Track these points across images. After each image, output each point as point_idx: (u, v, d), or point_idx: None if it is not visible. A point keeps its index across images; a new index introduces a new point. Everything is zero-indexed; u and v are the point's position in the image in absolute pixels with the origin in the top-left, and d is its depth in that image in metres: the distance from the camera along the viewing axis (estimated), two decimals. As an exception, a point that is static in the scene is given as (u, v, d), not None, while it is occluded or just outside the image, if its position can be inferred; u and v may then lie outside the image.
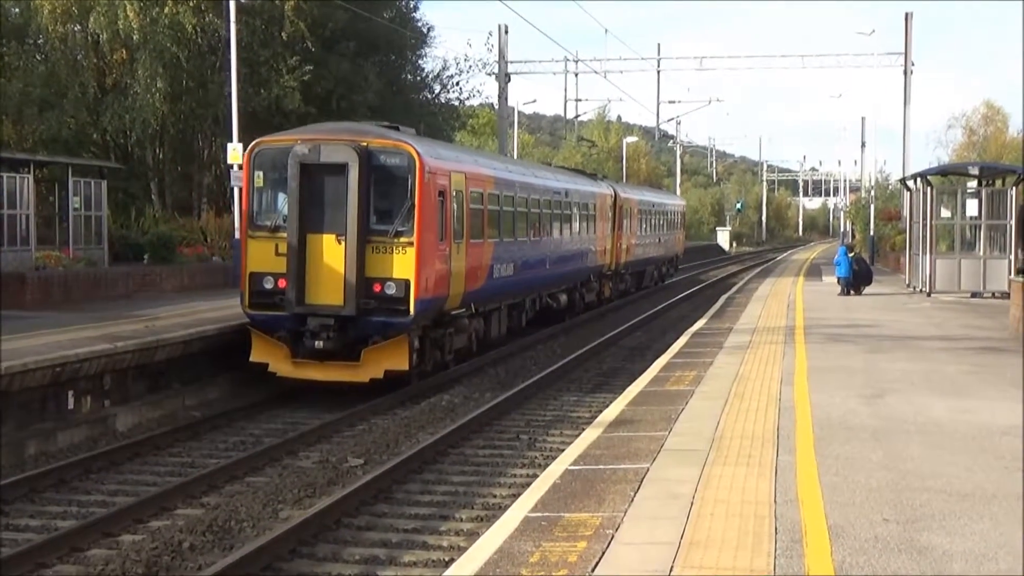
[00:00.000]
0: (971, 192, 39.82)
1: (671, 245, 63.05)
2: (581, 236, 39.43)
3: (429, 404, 23.25)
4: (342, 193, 22.82)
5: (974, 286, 37.92)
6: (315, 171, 23.16)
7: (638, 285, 53.82)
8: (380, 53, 49.82)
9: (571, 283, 38.84)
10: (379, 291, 23.02)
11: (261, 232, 23.66)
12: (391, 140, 23.77)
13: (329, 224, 23.09)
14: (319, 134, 24.21)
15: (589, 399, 24.46)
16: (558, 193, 36.26)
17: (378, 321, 23.12)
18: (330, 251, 23.04)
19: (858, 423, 14.69)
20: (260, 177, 23.94)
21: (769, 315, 31.70)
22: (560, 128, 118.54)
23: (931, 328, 28.09)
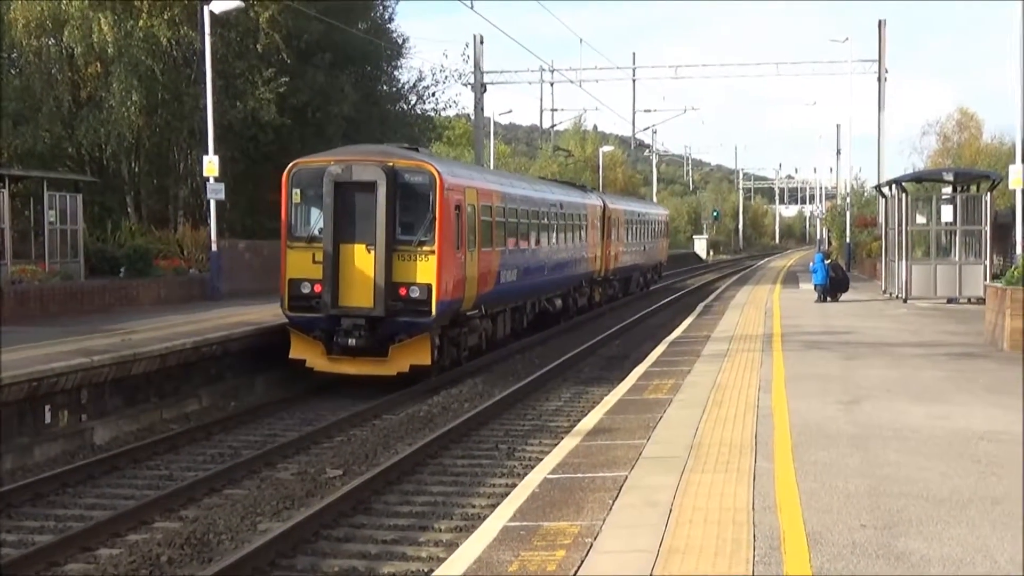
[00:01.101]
0: (946, 198, 39.96)
1: (655, 253, 65.72)
2: (575, 244, 41.94)
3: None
4: (371, 207, 25.76)
5: (950, 292, 38.04)
6: (347, 188, 26.02)
7: (625, 291, 56.43)
8: (356, 65, 49.77)
9: (566, 288, 41.51)
10: (404, 294, 25.97)
11: (299, 243, 26.67)
12: (414, 160, 26.82)
13: (360, 235, 25.95)
14: (350, 155, 27.14)
15: (568, 408, 24.48)
16: (554, 205, 38.89)
17: (404, 321, 25.98)
18: (361, 259, 25.94)
19: (836, 429, 14.73)
20: (298, 194, 26.94)
21: (747, 323, 31.76)
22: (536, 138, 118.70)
23: (907, 334, 28.19)
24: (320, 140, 45.06)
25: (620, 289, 54.98)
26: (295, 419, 23.56)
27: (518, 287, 33.69)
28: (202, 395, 24.89)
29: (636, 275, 59.45)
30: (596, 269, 47.09)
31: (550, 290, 38.85)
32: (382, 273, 25.68)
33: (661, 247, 69.20)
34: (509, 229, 32.67)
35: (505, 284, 31.97)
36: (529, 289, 35.45)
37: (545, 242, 37.12)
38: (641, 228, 59.17)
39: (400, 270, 25.95)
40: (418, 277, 25.98)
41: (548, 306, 38.97)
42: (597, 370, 30.61)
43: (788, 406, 16.57)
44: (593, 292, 47.51)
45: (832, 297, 39.78)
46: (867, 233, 67.51)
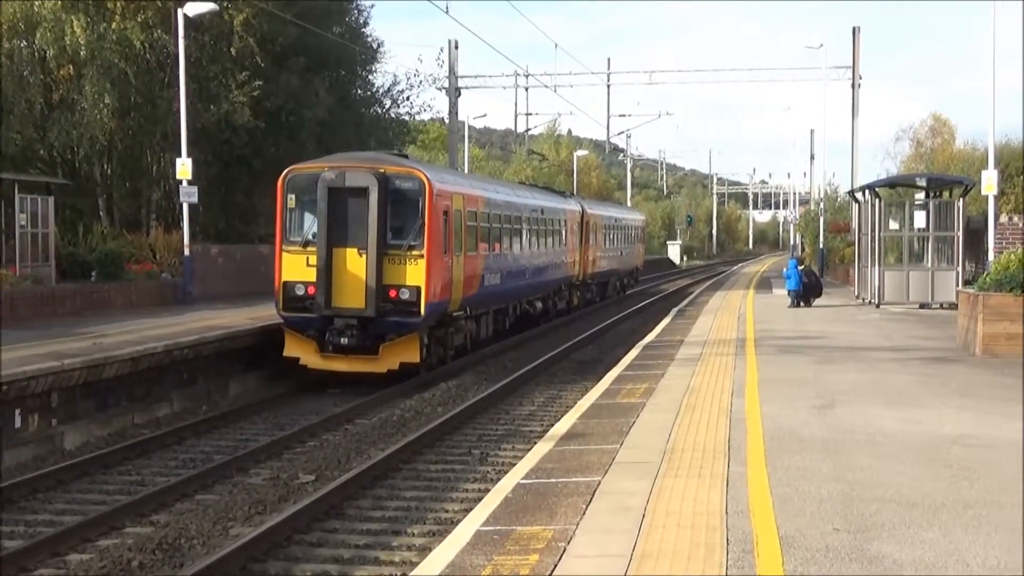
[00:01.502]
0: (919, 204, 40.11)
1: (632, 258, 66.91)
2: (555, 249, 43.19)
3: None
4: (363, 213, 26.75)
5: (922, 297, 38.16)
6: (340, 194, 27.04)
7: (602, 295, 57.40)
8: (330, 68, 49.69)
9: (546, 292, 42.56)
10: (395, 296, 27.05)
11: (293, 247, 27.60)
12: (405, 167, 28.10)
13: (352, 239, 26.98)
14: (343, 162, 28.24)
15: (541, 412, 24.46)
16: (535, 210, 40.19)
17: (394, 321, 27.07)
18: (353, 262, 26.97)
19: (809, 434, 14.75)
20: (292, 199, 27.86)
21: (720, 327, 31.81)
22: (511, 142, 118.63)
23: (880, 339, 28.27)
24: (294, 144, 45.03)
25: (598, 293, 56.04)
26: (267, 424, 23.50)
27: (501, 290, 34.78)
28: (174, 399, 24.81)
29: (613, 279, 60.55)
30: (575, 273, 48.04)
31: (531, 293, 39.92)
32: (373, 276, 26.70)
33: (638, 252, 70.30)
34: (493, 234, 33.88)
35: (489, 287, 33.08)
36: (511, 292, 36.58)
37: (527, 246, 38.33)
38: (618, 233, 60.46)
39: (390, 273, 26.99)
40: (408, 280, 27.03)
41: (529, 308, 40.04)
42: (571, 374, 30.59)
43: (761, 410, 16.59)
44: (572, 296, 48.58)
45: (805, 302, 39.87)
46: (840, 239, 67.68)
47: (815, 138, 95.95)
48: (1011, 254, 25.41)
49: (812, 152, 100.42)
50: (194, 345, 25.47)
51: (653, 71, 73.77)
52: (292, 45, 45.80)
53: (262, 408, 25.07)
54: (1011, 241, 37.19)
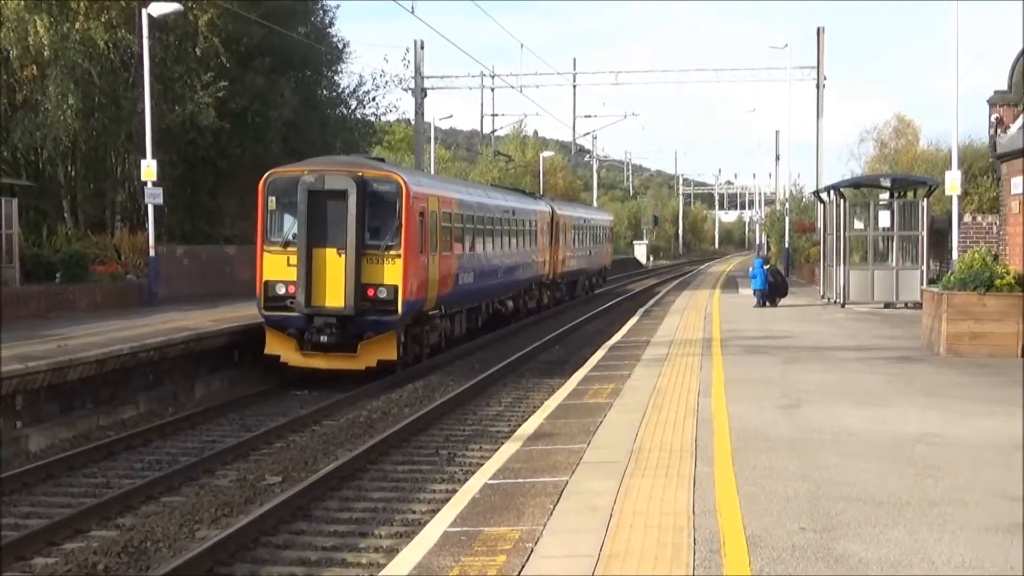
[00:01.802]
0: (883, 204, 40.26)
1: (600, 257, 68.38)
2: (525, 249, 44.36)
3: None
4: (342, 214, 27.64)
5: (887, 297, 38.33)
6: (320, 196, 27.92)
7: (572, 294, 58.74)
8: (295, 69, 49.54)
9: (517, 291, 43.90)
10: (373, 295, 27.95)
11: (274, 247, 28.40)
12: (382, 171, 29.23)
13: (331, 240, 27.82)
14: (322, 166, 29.20)
15: (508, 413, 24.50)
16: (507, 211, 41.48)
17: (372, 320, 27.93)
18: (332, 262, 27.79)
19: (775, 434, 14.80)
20: (273, 202, 28.69)
21: (686, 327, 31.88)
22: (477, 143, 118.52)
23: (845, 339, 28.39)
24: (259, 144, 44.92)
25: (567, 292, 57.23)
26: (234, 425, 23.45)
27: (474, 289, 35.96)
28: (140, 401, 24.73)
29: (582, 279, 61.82)
30: (545, 273, 49.20)
31: (502, 292, 41.14)
32: (352, 275, 27.57)
33: (606, 252, 71.69)
34: (466, 234, 34.97)
35: (463, 286, 34.21)
36: (484, 291, 37.79)
37: (499, 247, 39.55)
38: (587, 233, 61.68)
39: (369, 272, 27.91)
40: (385, 279, 27.98)
41: (500, 307, 41.29)
42: (538, 375, 30.63)
43: (728, 410, 16.63)
44: (542, 295, 49.86)
45: (771, 302, 39.98)
46: (806, 238, 67.94)
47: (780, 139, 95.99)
48: (975, 253, 25.54)
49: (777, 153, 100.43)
50: (160, 347, 25.39)
51: (619, 71, 73.85)
52: (257, 45, 45.65)
53: (228, 410, 25.00)
54: (975, 240, 37.35)
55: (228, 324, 29.37)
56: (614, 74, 73.17)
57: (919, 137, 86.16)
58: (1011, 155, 32.23)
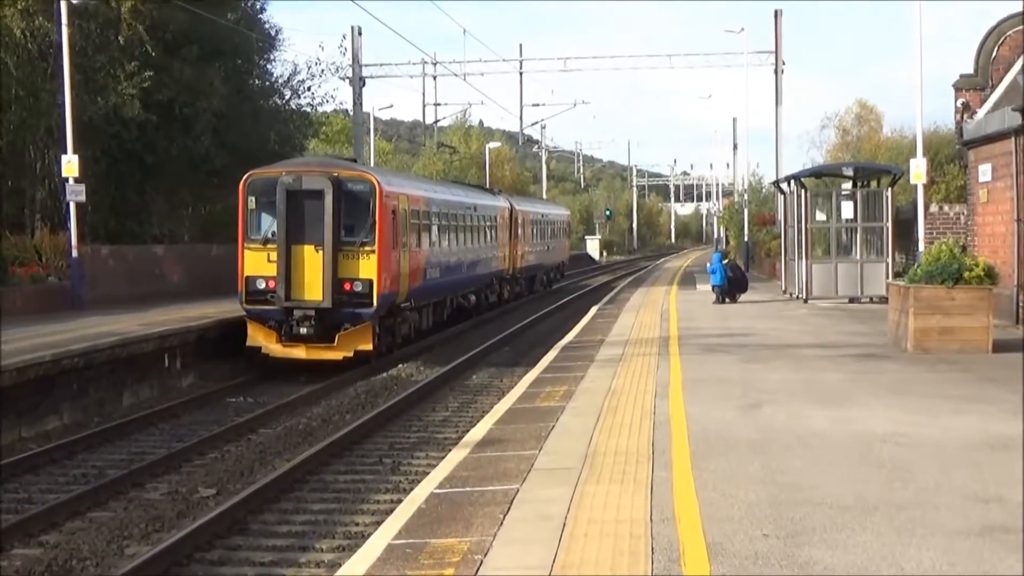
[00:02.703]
0: (846, 194, 40.46)
1: (558, 252, 72.63)
2: (487, 244, 48.33)
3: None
4: (319, 213, 30.86)
5: (851, 291, 38.53)
6: (297, 196, 31.14)
7: (531, 288, 62.50)
8: (225, 58, 49.27)
9: (479, 285, 47.68)
10: (349, 289, 31.05)
11: (254, 244, 31.62)
12: (356, 171, 32.79)
13: (309, 236, 31.03)
14: (299, 167, 32.85)
15: (456, 418, 24.53)
16: (469, 208, 45.23)
17: (349, 312, 31.06)
18: (310, 258, 31.01)
19: (736, 435, 14.84)
20: (253, 201, 31.98)
21: (642, 326, 31.96)
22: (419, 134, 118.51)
23: (808, 336, 28.54)
24: (188, 137, 44.67)
25: (526, 287, 60.91)
26: (165, 435, 23.33)
27: (440, 283, 39.45)
28: (64, 411, 24.53)
29: (540, 274, 65.66)
30: (505, 268, 52.99)
31: (466, 287, 44.91)
32: (329, 270, 30.69)
33: (563, 246, 75.79)
34: (433, 230, 38.47)
35: (431, 280, 37.64)
36: (449, 285, 41.25)
37: (462, 242, 43.18)
38: (545, 228, 65.65)
39: (345, 267, 31.07)
40: (361, 273, 31.14)
41: (464, 302, 44.75)
42: (487, 377, 30.67)
43: (686, 412, 16.67)
44: (502, 289, 53.52)
45: (731, 298, 40.16)
46: (766, 231, 68.29)
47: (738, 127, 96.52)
48: (942, 244, 25.68)
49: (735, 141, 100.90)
50: (85, 353, 25.21)
51: (568, 57, 73.76)
52: (184, 33, 45.36)
53: (159, 419, 24.87)
54: (941, 231, 37.73)
55: (158, 328, 29.21)
56: (563, 60, 73.38)
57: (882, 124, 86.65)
58: (978, 141, 32.49)
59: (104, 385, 26.20)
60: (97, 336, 27.22)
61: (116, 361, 26.55)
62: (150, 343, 28.09)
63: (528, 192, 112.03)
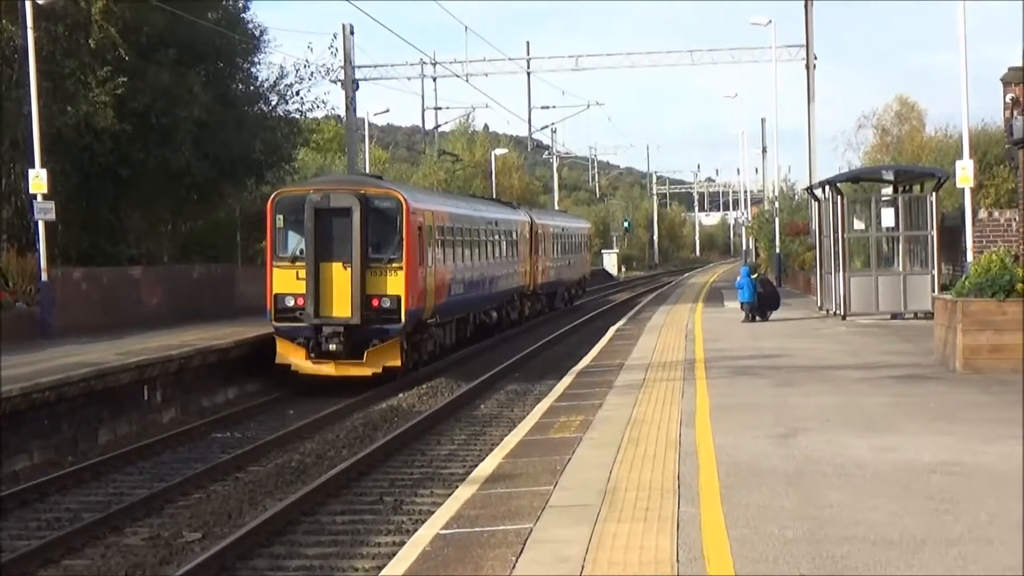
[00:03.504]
0: (886, 200, 40.44)
1: (579, 267, 75.44)
2: (508, 260, 51.16)
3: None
4: (347, 230, 33.52)
5: (894, 306, 38.46)
6: (325, 214, 33.86)
7: (551, 305, 65.38)
8: (206, 61, 49.28)
9: (501, 302, 50.23)
10: (377, 305, 33.76)
11: (283, 262, 34.33)
12: (383, 188, 35.72)
13: (337, 254, 33.79)
14: (327, 185, 36.06)
15: (463, 452, 24.52)
16: (490, 223, 48.26)
17: (377, 328, 33.80)
18: (339, 275, 33.71)
19: (769, 467, 14.83)
20: (281, 219, 34.77)
21: (665, 348, 31.96)
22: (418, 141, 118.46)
23: (847, 356, 28.50)
24: (166, 148, 44.59)
25: (546, 304, 63.94)
26: (145, 475, 23.31)
27: (464, 299, 42.37)
28: (34, 450, 24.53)
29: (561, 290, 68.44)
30: (526, 284, 55.82)
31: (488, 303, 47.53)
32: (358, 287, 33.38)
33: (584, 260, 78.86)
34: (457, 246, 41.25)
35: (455, 296, 40.50)
36: (472, 301, 44.08)
37: (484, 258, 46.09)
38: (565, 242, 68.44)
39: (373, 284, 33.73)
40: (389, 289, 33.87)
41: (486, 318, 47.33)
42: (495, 406, 30.71)
43: (714, 442, 16.66)
44: (523, 306, 56.39)
45: (761, 316, 40.14)
46: (799, 242, 68.20)
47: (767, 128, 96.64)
48: (992, 254, 25.61)
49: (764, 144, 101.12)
50: (56, 386, 25.22)
51: (579, 55, 73.84)
52: (160, 35, 45.37)
53: (138, 457, 24.85)
54: (992, 239, 37.60)
55: (136, 358, 29.22)
56: (574, 58, 73.52)
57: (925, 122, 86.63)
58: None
59: (78, 421, 26.20)
60: (70, 367, 27.22)
61: (91, 394, 26.55)
62: (127, 374, 28.09)
63: (539, 203, 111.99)
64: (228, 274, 50.67)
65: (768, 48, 67.54)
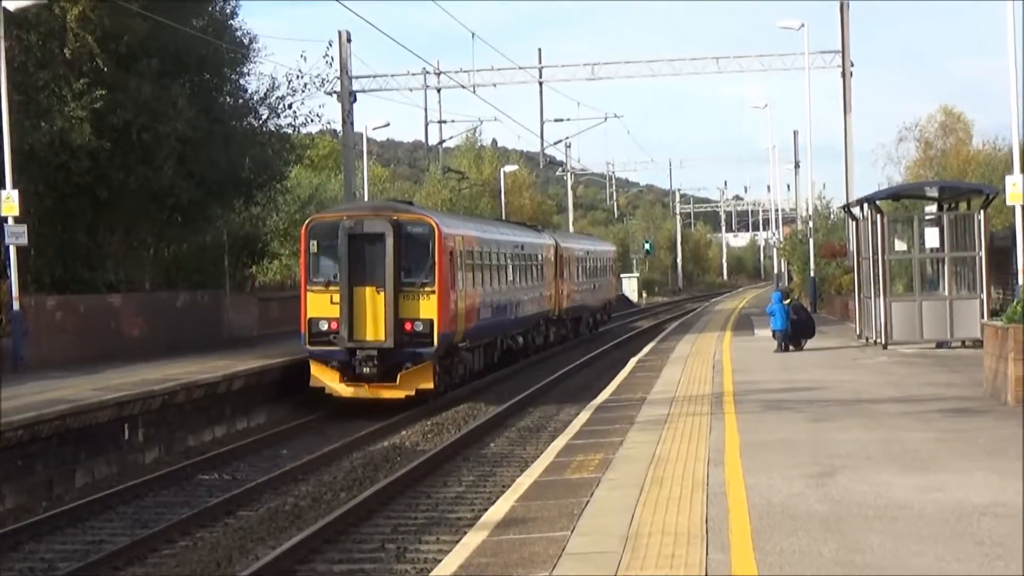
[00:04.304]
0: (930, 219, 40.43)
1: (604, 291, 79.30)
2: (534, 284, 54.84)
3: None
4: (380, 255, 37.13)
5: (939, 334, 38.39)
6: (359, 239, 37.54)
7: (576, 331, 68.91)
8: (191, 71, 49.25)
9: (527, 327, 53.99)
10: (410, 329, 37.33)
11: (317, 287, 38.11)
12: (415, 214, 39.59)
13: (371, 278, 37.30)
14: (360, 211, 40.16)
15: (471, 494, 24.51)
16: (517, 247, 51.84)
17: (410, 351, 37.30)
18: (372, 299, 37.21)
19: (805, 509, 14.82)
20: (315, 245, 38.69)
21: (691, 380, 31.96)
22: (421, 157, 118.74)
23: (889, 388, 28.48)
24: (148, 167, 44.53)
25: (571, 330, 67.45)
26: (126, 520, 23.32)
27: (492, 324, 45.94)
28: (5, 494, 24.55)
29: (586, 315, 72.07)
30: (551, 308, 59.44)
31: (515, 328, 51.07)
32: (392, 311, 36.91)
33: (610, 284, 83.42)
34: (485, 270, 44.68)
35: (483, 321, 44.02)
36: (500, 326, 47.75)
37: (511, 282, 49.67)
38: (590, 266, 72.32)
39: (406, 308, 37.33)
40: (421, 313, 37.45)
41: (512, 344, 50.67)
42: (505, 444, 30.72)
43: (745, 482, 16.65)
44: (548, 331, 60.05)
45: (795, 345, 40.10)
46: (835, 265, 68.16)
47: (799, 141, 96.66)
48: (1046, 277, 25.60)
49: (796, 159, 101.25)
50: (29, 425, 25.25)
51: (595, 63, 73.80)
52: (142, 43, 45.37)
53: (119, 501, 24.86)
54: (1046, 260, 37.53)
55: (115, 393, 29.25)
56: (589, 67, 73.42)
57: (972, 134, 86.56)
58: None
59: (53, 462, 26.22)
60: (44, 404, 27.26)
61: (66, 433, 26.59)
62: (106, 412, 28.12)
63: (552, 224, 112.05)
64: (215, 302, 50.78)
65: (800, 54, 67.52)
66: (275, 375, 37.83)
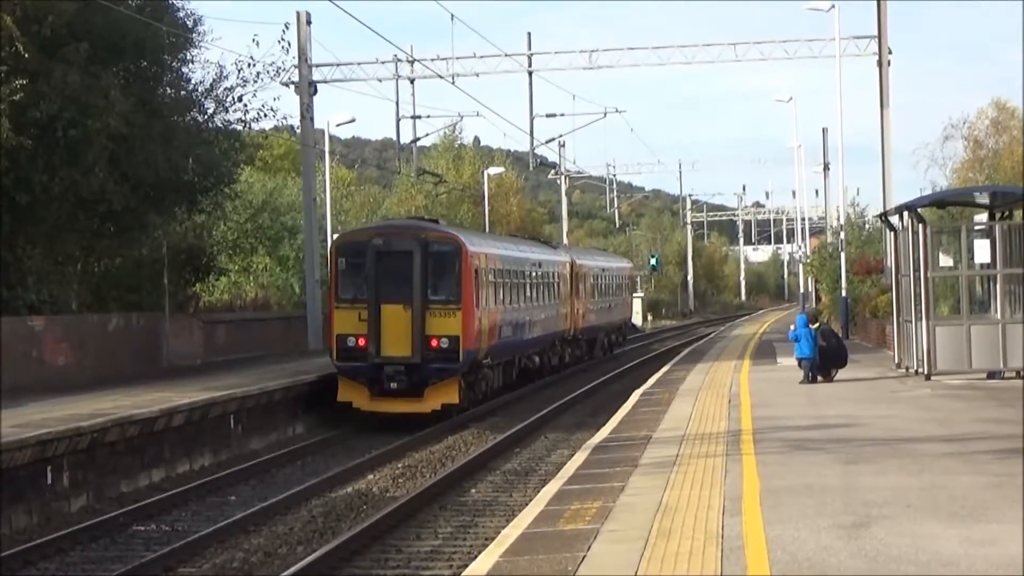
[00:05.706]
0: (980, 229, 40.44)
1: (620, 310, 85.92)
2: (551, 303, 61.39)
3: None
4: (407, 273, 43.29)
5: (990, 363, 38.39)
6: (386, 257, 43.59)
7: (591, 352, 75.56)
8: (126, 59, 49.00)
9: (544, 346, 60.68)
10: (436, 345, 43.28)
11: (344, 304, 44.27)
12: (442, 232, 46.18)
13: (398, 296, 43.20)
14: (387, 230, 46.65)
15: (448, 548, 24.50)
16: (534, 264, 58.35)
17: (436, 367, 43.39)
18: (400, 316, 43.14)
19: (835, 565, 14.82)
20: (343, 262, 44.92)
21: (703, 416, 31.96)
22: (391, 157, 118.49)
23: (932, 425, 28.51)
24: (75, 169, 44.43)
25: (586, 350, 74.06)
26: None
27: (512, 342, 52.28)
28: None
29: (601, 336, 78.81)
30: (567, 328, 65.83)
31: (533, 347, 57.78)
32: (419, 327, 43.06)
33: (626, 303, 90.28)
34: (506, 288, 50.78)
35: (505, 338, 50.15)
36: (519, 344, 54.18)
37: (529, 300, 55.89)
38: (606, 284, 79.46)
39: (432, 324, 43.36)
40: (448, 330, 43.39)
41: (529, 363, 57.26)
42: (489, 490, 30.71)
43: (766, 534, 16.65)
44: (564, 352, 66.34)
45: (823, 375, 40.09)
46: (871, 283, 68.26)
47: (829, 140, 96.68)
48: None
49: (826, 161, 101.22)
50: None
51: (594, 50, 73.67)
52: (69, 26, 45.29)
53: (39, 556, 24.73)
54: (1113, 279, 37.54)
55: (36, 431, 29.16)
56: (587, 54, 73.24)
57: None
58: None
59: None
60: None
61: None
62: (25, 452, 28.05)
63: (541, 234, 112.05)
64: (153, 325, 50.71)
65: (831, 40, 67.48)
66: (220, 410, 37.51)
